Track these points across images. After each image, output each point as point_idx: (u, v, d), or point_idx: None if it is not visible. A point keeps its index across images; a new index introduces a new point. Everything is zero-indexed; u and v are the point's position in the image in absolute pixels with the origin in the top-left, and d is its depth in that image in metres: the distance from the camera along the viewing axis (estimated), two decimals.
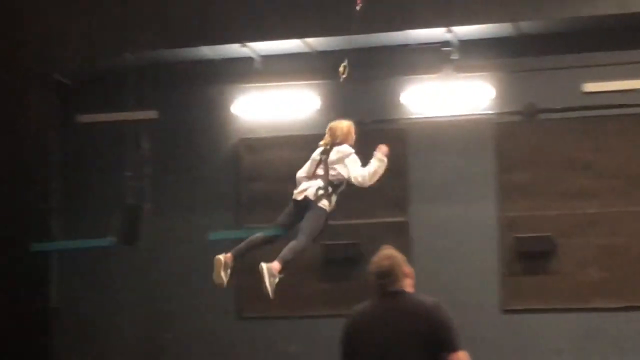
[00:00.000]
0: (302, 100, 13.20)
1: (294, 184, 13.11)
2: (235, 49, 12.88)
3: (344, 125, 8.80)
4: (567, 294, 12.99)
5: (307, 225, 8.48)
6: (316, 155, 8.73)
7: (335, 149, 8.68)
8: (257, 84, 13.16)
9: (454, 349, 5.57)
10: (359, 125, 13.15)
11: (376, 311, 5.70)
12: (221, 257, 8.55)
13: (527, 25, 12.34)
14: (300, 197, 8.58)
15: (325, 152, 8.68)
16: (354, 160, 8.61)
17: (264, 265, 8.23)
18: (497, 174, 13.35)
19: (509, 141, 13.35)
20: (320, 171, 8.62)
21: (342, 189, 8.69)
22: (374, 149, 8.91)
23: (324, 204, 8.52)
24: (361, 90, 13.17)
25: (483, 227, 13.25)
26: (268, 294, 8.22)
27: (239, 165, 13.92)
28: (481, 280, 13.17)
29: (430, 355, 5.53)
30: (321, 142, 8.80)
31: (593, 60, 12.53)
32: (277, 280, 8.24)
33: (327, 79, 13.20)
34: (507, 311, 13.11)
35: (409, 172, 13.41)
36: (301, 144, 13.59)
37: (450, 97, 12.56)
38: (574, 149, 13.14)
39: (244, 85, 13.26)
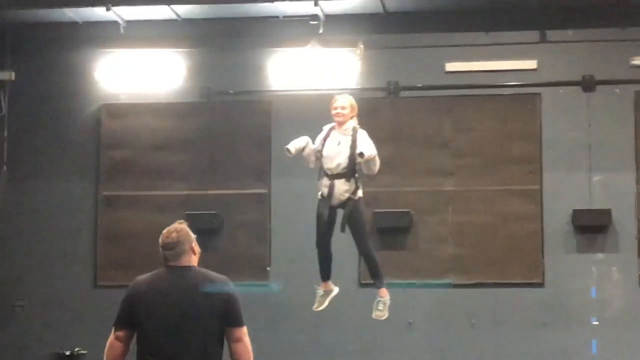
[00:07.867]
0: (167, 67, 13.07)
1: (157, 152, 13.06)
2: (99, 13, 12.58)
3: None
4: None
5: None
6: None
7: None
8: (122, 49, 12.97)
9: (240, 324, 5.69)
10: (221, 95, 13.26)
11: (163, 284, 5.70)
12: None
13: (393, 3, 12.43)
14: None
15: None
16: None
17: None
18: None
19: (372, 116, 13.45)
20: None
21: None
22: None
23: None
24: (227, 60, 13.13)
25: None
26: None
27: (100, 132, 13.67)
28: None
29: (217, 329, 5.63)
30: None
31: (456, 40, 12.75)
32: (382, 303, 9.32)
33: (193, 47, 13.11)
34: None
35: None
36: (165, 112, 13.52)
37: (315, 70, 12.62)
38: (435, 126, 13.33)
39: (108, 50, 13.04)
